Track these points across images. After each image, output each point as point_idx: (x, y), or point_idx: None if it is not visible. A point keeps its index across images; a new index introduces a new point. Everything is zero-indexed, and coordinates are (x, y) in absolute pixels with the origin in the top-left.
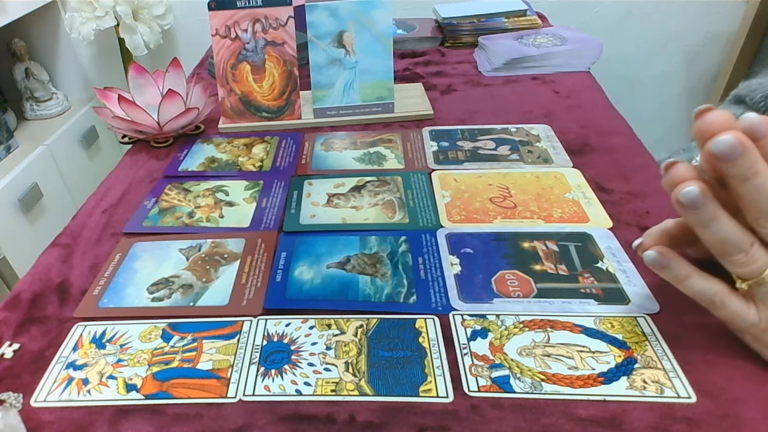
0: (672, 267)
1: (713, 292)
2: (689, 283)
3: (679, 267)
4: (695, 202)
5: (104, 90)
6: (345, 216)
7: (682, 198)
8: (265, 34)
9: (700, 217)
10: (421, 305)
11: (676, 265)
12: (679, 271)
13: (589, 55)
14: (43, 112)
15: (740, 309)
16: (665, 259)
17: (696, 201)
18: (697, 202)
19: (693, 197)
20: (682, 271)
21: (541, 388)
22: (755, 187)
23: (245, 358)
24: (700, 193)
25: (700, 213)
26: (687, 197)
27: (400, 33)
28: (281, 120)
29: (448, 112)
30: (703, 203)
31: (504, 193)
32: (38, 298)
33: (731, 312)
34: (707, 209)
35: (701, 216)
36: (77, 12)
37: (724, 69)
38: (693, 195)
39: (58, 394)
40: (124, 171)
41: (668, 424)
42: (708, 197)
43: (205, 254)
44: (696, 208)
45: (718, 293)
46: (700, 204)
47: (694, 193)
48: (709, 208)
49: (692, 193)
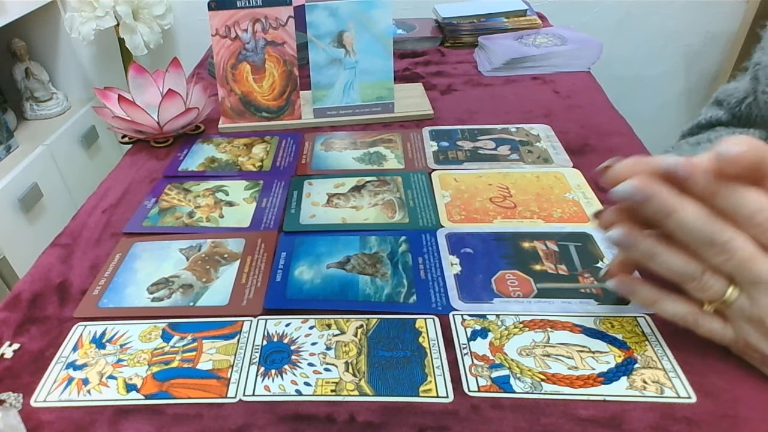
0: (637, 293)
1: (684, 313)
2: (658, 306)
3: (644, 293)
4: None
5: (104, 90)
6: (345, 216)
7: (609, 240)
8: (265, 34)
9: (638, 253)
10: (421, 305)
11: (641, 291)
12: (645, 297)
13: (589, 55)
14: (43, 112)
15: (716, 328)
16: (629, 287)
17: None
18: (625, 242)
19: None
20: (648, 296)
21: (541, 388)
22: (676, 224)
23: (245, 358)
24: (625, 235)
25: (635, 251)
26: (612, 239)
27: (400, 33)
28: (281, 120)
29: (448, 112)
30: (633, 242)
31: (504, 193)
32: (38, 298)
33: (708, 331)
34: (641, 245)
35: (638, 252)
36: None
37: (724, 69)
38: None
39: (58, 394)
40: (124, 171)
41: (668, 424)
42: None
43: (205, 254)
44: (626, 247)
45: (690, 314)
46: (630, 243)
47: (616, 235)
48: (642, 244)
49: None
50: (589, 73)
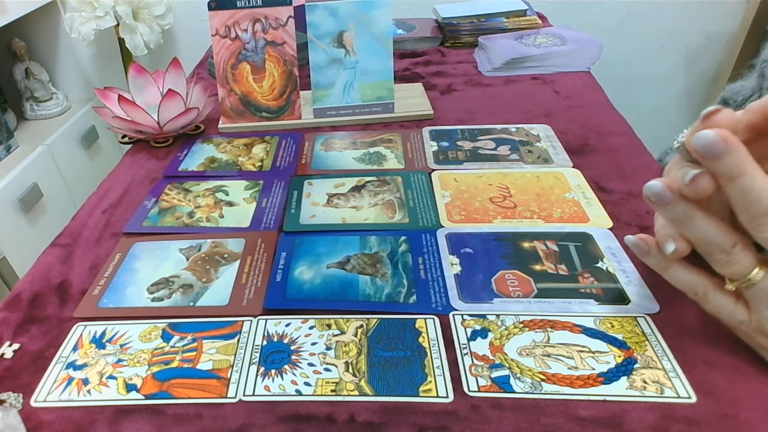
0: (652, 255)
1: (696, 284)
2: (671, 272)
3: (659, 256)
4: (659, 198)
5: (104, 90)
6: (345, 216)
7: (645, 192)
8: (265, 34)
9: (672, 214)
10: (421, 305)
11: (656, 254)
12: (659, 260)
13: (589, 55)
14: (43, 112)
15: (726, 305)
16: (646, 246)
17: (660, 197)
18: (662, 198)
19: (655, 192)
20: (662, 260)
21: (541, 388)
22: (740, 187)
23: (245, 358)
24: (663, 189)
25: (670, 210)
26: (650, 191)
27: (400, 33)
28: (281, 120)
29: (448, 112)
30: (670, 200)
31: (504, 193)
32: (38, 298)
33: (716, 307)
34: (677, 207)
35: (672, 213)
36: (77, 12)
37: (724, 69)
38: (655, 190)
39: (58, 394)
40: (124, 171)
41: (668, 424)
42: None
43: (205, 254)
44: (664, 204)
45: (701, 286)
46: (666, 200)
47: (656, 187)
48: (679, 205)
49: (654, 188)
50: (589, 73)
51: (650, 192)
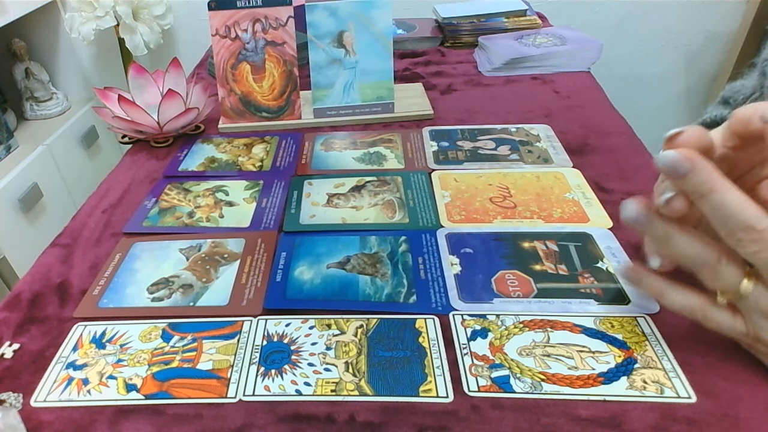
0: (644, 282)
1: (693, 305)
2: (665, 298)
3: (651, 282)
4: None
5: (104, 90)
6: (345, 216)
7: (622, 217)
8: (265, 34)
9: (651, 233)
10: (421, 305)
11: (648, 280)
12: (653, 287)
13: (589, 55)
14: (43, 112)
15: (725, 321)
16: (637, 275)
17: (635, 221)
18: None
19: (630, 217)
20: (655, 286)
21: (541, 388)
22: (712, 204)
23: (245, 358)
24: (638, 214)
25: (650, 230)
26: (626, 216)
27: (400, 33)
28: (281, 120)
29: (448, 112)
30: (646, 221)
31: (504, 193)
32: (38, 298)
33: (716, 324)
34: (655, 226)
35: (653, 232)
36: (77, 12)
37: (724, 69)
38: (630, 215)
39: (58, 394)
40: (124, 171)
41: (668, 424)
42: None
43: (205, 254)
44: (642, 226)
45: (698, 306)
46: (643, 222)
47: (631, 212)
48: (656, 225)
49: (630, 213)
50: (589, 73)
51: (626, 216)
